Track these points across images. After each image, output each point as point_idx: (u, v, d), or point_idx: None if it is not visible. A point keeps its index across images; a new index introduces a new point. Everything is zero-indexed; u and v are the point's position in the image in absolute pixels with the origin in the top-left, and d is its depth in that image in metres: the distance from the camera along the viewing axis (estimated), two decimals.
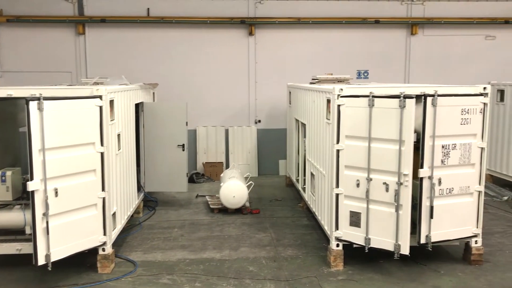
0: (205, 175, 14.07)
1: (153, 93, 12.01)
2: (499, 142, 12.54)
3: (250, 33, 14.11)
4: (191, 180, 13.24)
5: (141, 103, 10.59)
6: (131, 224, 9.66)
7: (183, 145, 10.67)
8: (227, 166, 14.12)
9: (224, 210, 10.54)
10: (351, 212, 7.37)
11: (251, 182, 11.22)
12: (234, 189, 10.32)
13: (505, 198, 11.64)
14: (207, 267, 7.62)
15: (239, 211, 10.47)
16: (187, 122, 10.78)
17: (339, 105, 7.24)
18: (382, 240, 7.16)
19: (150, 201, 11.24)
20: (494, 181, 12.79)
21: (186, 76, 14.18)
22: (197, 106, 13.99)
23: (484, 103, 7.30)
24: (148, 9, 13.86)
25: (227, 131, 14.42)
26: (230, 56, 14.25)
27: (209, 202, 11.05)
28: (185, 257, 8.05)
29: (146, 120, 10.67)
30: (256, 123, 14.56)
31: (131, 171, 9.45)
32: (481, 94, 7.29)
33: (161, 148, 10.66)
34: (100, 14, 13.71)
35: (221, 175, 11.89)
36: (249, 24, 14.05)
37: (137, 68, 13.76)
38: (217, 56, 14.22)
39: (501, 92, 12.53)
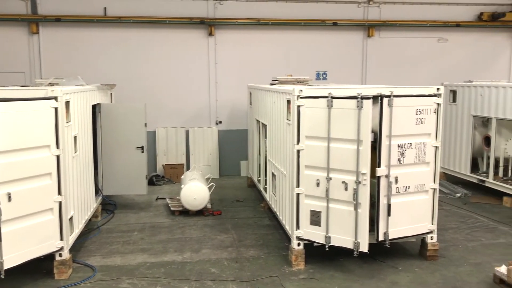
0: (165, 177, 13.90)
1: (111, 94, 11.77)
2: (452, 141, 13.02)
3: (210, 34, 14.06)
4: (150, 182, 13.06)
5: (98, 104, 10.36)
6: (89, 228, 9.43)
7: (142, 147, 10.51)
8: (188, 168, 14.00)
9: (185, 212, 10.45)
10: (311, 211, 7.46)
11: (212, 183, 11.18)
12: (195, 190, 10.24)
13: (458, 195, 12.09)
14: (168, 270, 7.53)
15: (201, 212, 10.40)
16: (146, 124, 10.61)
17: (299, 106, 7.32)
18: (342, 238, 7.29)
19: (108, 205, 11.01)
20: (448, 179, 13.26)
21: (145, 76, 13.97)
22: (156, 107, 13.80)
23: (438, 104, 7.56)
24: (105, 8, 13.57)
25: (187, 132, 14.31)
26: (190, 57, 14.15)
27: (169, 205, 10.93)
28: (146, 260, 7.93)
29: (103, 121, 10.44)
30: (217, 124, 14.52)
31: (89, 174, 9.23)
32: (434, 95, 7.55)
33: (120, 150, 10.45)
34: (54, 13, 13.31)
35: (182, 177, 11.78)
36: (209, 25, 14.00)
37: (94, 69, 13.46)
38: (177, 57, 14.09)
39: (454, 93, 13.02)
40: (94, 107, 10.00)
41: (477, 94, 12.03)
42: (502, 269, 6.95)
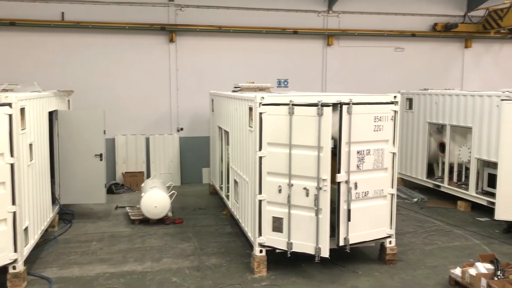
0: (125, 185, 13.64)
1: (68, 100, 11.48)
2: (409, 147, 13.40)
3: (171, 40, 13.96)
4: (110, 191, 12.79)
5: (55, 111, 10.08)
6: (46, 239, 9.13)
7: (100, 155, 10.29)
8: (148, 176, 13.79)
9: (145, 221, 10.28)
10: (273, 217, 7.49)
11: (173, 191, 11.05)
12: (155, 199, 10.10)
13: (415, 199, 12.44)
14: (128, 281, 7.38)
15: (162, 221, 10.26)
16: (104, 131, 10.41)
17: (261, 113, 7.35)
18: (303, 244, 7.35)
19: (66, 214, 10.68)
20: (405, 184, 13.63)
21: (104, 83, 13.71)
22: (115, 114, 13.56)
23: (395, 111, 7.77)
24: (63, 13, 13.24)
25: (147, 140, 14.11)
26: (151, 63, 13.99)
27: (129, 213, 10.72)
28: (105, 271, 7.74)
29: (61, 129, 10.16)
30: (178, 131, 14.39)
31: (45, 183, 8.95)
32: (392, 103, 7.75)
33: (77, 158, 10.20)
34: (9, 16, 12.87)
35: (142, 185, 11.60)
36: (170, 31, 13.90)
37: (51, 75, 13.09)
38: (137, 63, 13.90)
39: (410, 101, 13.42)
40: (51, 114, 9.74)
41: (432, 101, 12.45)
42: (457, 271, 7.19)
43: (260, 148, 7.43)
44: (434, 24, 15.68)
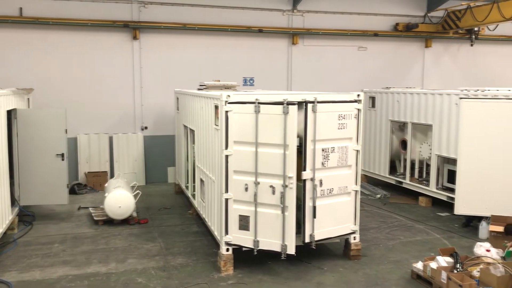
0: (88, 185, 13.35)
1: (28, 99, 11.15)
2: (372, 145, 13.67)
3: (135, 37, 13.74)
4: (72, 191, 12.51)
5: (14, 109, 9.76)
6: (5, 242, 8.84)
7: (62, 154, 10.05)
8: (112, 176, 13.54)
9: (109, 222, 10.10)
10: (240, 216, 7.50)
11: (138, 191, 10.89)
12: (120, 199, 9.94)
13: (378, 196, 12.71)
14: (92, 282, 7.23)
15: (126, 221, 10.11)
16: (66, 130, 10.17)
17: (227, 111, 7.34)
18: (270, 242, 7.39)
19: (26, 216, 10.37)
20: (368, 181, 13.91)
21: (66, 80, 13.37)
22: (78, 112, 13.25)
23: (358, 109, 7.91)
24: (21, 8, 12.82)
25: (111, 139, 13.85)
26: (114, 61, 13.74)
27: (93, 214, 10.51)
28: (68, 273, 7.56)
29: (20, 128, 9.85)
30: (142, 129, 14.19)
31: (4, 184, 8.66)
32: (355, 101, 7.89)
33: (38, 158, 9.92)
34: None
35: (106, 185, 11.40)
36: (133, 28, 13.68)
37: (10, 72, 12.67)
38: (99, 60, 13.61)
39: (373, 99, 13.70)
40: (9, 112, 9.42)
41: (394, 100, 12.74)
42: (419, 265, 7.40)
43: (227, 147, 7.42)
44: (395, 24, 16.04)
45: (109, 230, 9.79)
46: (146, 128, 14.21)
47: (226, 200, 7.51)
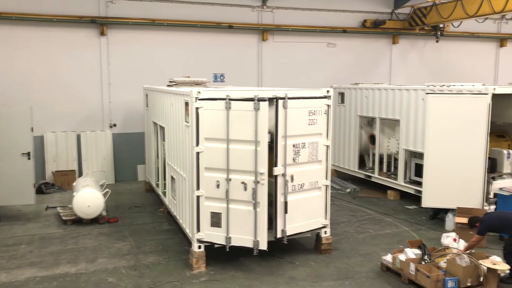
0: (56, 184, 13.07)
1: None
2: (341, 140, 13.85)
3: (102, 33, 13.49)
4: (39, 191, 12.21)
5: None
6: None
7: (28, 153, 9.82)
8: (80, 174, 13.28)
9: (78, 221, 9.92)
10: (212, 213, 7.48)
11: (107, 189, 10.72)
12: (88, 198, 9.78)
13: (348, 190, 12.89)
14: (61, 284, 7.09)
15: (96, 220, 9.96)
16: (32, 128, 9.94)
17: (197, 108, 7.30)
18: (242, 238, 7.41)
19: None
20: (338, 176, 14.09)
21: (31, 77, 13.02)
22: (44, 110, 12.93)
23: (328, 105, 7.99)
24: None
25: (79, 137, 13.57)
26: (81, 57, 13.45)
27: (61, 214, 10.30)
28: (35, 275, 7.39)
29: None
30: (111, 127, 13.96)
31: None
32: (325, 97, 7.97)
33: (3, 157, 9.67)
34: None
35: (74, 184, 11.20)
36: (101, 24, 13.42)
37: None
38: (66, 57, 13.31)
39: (342, 95, 13.86)
40: None
41: (362, 96, 12.93)
42: (388, 258, 7.55)
43: (197, 144, 7.38)
44: (363, 21, 16.25)
45: (78, 229, 9.61)
46: (114, 125, 13.99)
47: (198, 197, 7.48)
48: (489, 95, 9.19)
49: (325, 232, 8.29)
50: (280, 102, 7.38)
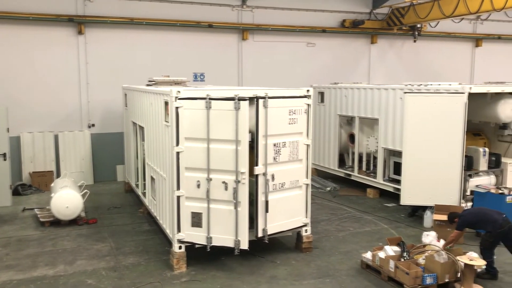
0: (33, 186, 12.84)
1: None
2: (321, 139, 13.94)
3: (80, 32, 13.30)
4: (16, 192, 12.01)
5: None
6: None
7: (4, 154, 9.66)
8: (58, 175, 13.08)
9: (56, 223, 9.78)
10: (192, 213, 7.45)
11: (86, 190, 10.58)
12: (67, 199, 9.65)
13: (328, 188, 12.98)
14: (39, 286, 6.98)
15: (74, 222, 9.83)
16: (8, 128, 9.77)
17: (177, 107, 7.26)
18: (223, 238, 7.40)
19: None
20: (319, 174, 14.18)
21: (7, 77, 12.76)
22: (20, 110, 12.70)
23: (308, 104, 8.03)
24: None
25: (56, 137, 13.36)
26: (58, 56, 13.24)
27: (38, 215, 10.13)
28: (12, 278, 7.25)
29: None
30: (89, 127, 13.78)
31: None
32: (305, 96, 8.01)
33: None
34: None
35: (52, 185, 11.02)
36: (78, 23, 13.23)
37: None
38: (42, 56, 13.09)
39: (322, 94, 13.95)
40: None
41: (342, 95, 13.04)
42: (368, 255, 7.63)
43: (177, 143, 7.34)
44: (342, 21, 16.38)
45: (56, 231, 9.46)
46: (93, 125, 13.81)
47: (178, 197, 7.44)
48: (466, 94, 9.35)
49: (306, 231, 8.33)
50: (261, 101, 7.39)
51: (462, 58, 18.64)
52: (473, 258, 7.00)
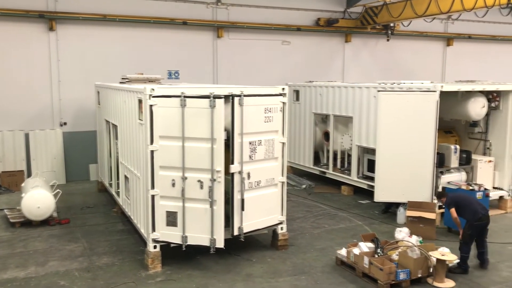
0: (3, 186, 12.54)
1: None
2: (297, 137, 14.01)
3: (51, 29, 13.01)
4: None
5: None
6: None
7: None
8: (29, 175, 12.78)
9: (27, 224, 9.56)
10: (167, 212, 7.39)
11: (58, 190, 10.37)
12: (38, 199, 9.45)
13: (304, 186, 13.06)
14: None
15: (46, 222, 9.64)
16: None
17: (151, 105, 7.17)
18: (198, 237, 7.36)
19: None
20: (294, 172, 14.25)
21: None
22: None
23: (283, 103, 8.05)
24: None
25: (27, 136, 13.05)
26: (28, 53, 12.93)
27: (8, 216, 9.88)
28: None
29: None
30: (61, 125, 13.51)
31: None
32: (280, 94, 8.02)
33: None
34: None
35: (22, 185, 10.78)
36: (49, 19, 12.93)
37: None
38: (12, 53, 12.76)
39: (297, 92, 14.01)
40: None
41: (316, 93, 13.12)
42: (343, 252, 7.71)
43: (152, 142, 7.26)
44: (317, 19, 16.47)
45: (27, 232, 9.25)
46: (65, 124, 13.54)
47: (153, 196, 7.36)
48: (437, 92, 9.53)
49: (282, 228, 8.36)
50: (236, 99, 7.37)
51: (434, 57, 19.01)
52: (445, 254, 7.15)
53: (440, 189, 9.83)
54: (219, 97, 7.12)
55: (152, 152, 7.28)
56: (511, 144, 10.79)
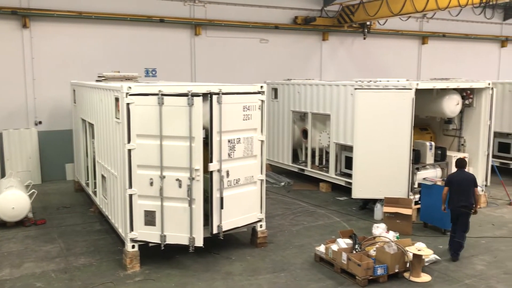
0: None
1: None
2: (275, 134, 14.05)
3: (24, 26, 12.74)
4: None
5: None
6: None
7: None
8: (3, 175, 12.51)
9: (1, 225, 9.39)
10: (145, 211, 7.33)
11: (33, 190, 10.19)
12: (12, 199, 9.28)
13: (282, 183, 13.12)
14: None
15: (21, 223, 9.47)
16: None
17: (128, 104, 7.10)
18: (177, 236, 7.33)
19: None
20: (273, 170, 14.29)
21: None
22: None
23: (262, 100, 8.07)
24: None
25: (0, 135, 12.77)
26: (1, 51, 12.63)
27: None
28: None
29: None
30: (36, 124, 13.26)
31: None
32: (259, 92, 8.04)
33: None
34: None
35: None
36: (22, 16, 12.67)
37: None
38: None
39: (275, 90, 14.05)
40: None
41: (295, 91, 13.17)
42: (321, 248, 7.78)
43: (129, 141, 7.19)
44: (295, 17, 16.54)
45: (2, 233, 9.08)
46: (40, 122, 13.30)
47: (130, 196, 7.29)
48: (413, 90, 9.68)
49: (261, 226, 8.38)
50: (215, 97, 7.35)
51: (410, 55, 19.30)
52: (421, 249, 7.28)
53: (416, 186, 10.01)
54: (197, 95, 7.09)
55: (129, 151, 7.21)
56: (484, 141, 11.06)
